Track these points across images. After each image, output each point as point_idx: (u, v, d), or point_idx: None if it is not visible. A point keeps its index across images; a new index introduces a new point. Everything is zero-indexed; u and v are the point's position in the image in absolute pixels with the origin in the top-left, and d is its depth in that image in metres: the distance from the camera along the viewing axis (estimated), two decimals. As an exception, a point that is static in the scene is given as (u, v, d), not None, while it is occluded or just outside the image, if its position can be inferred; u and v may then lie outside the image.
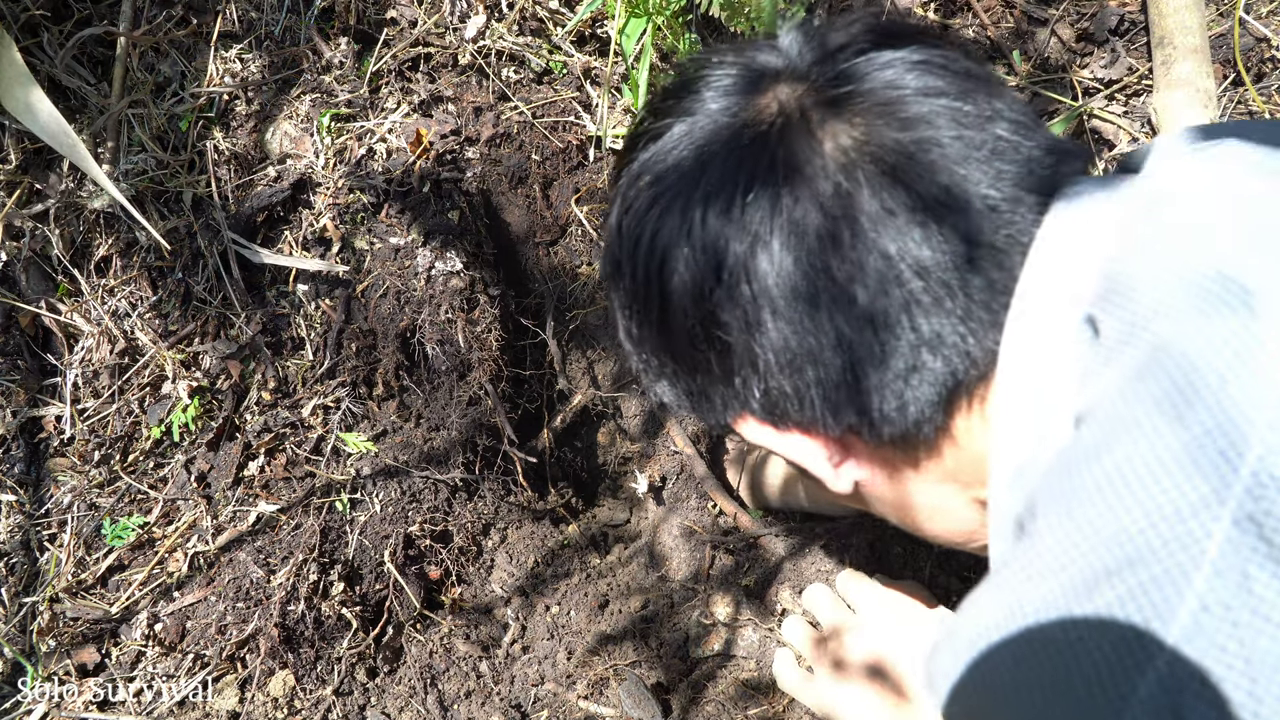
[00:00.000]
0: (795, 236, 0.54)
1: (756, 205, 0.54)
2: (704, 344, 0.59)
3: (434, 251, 1.32)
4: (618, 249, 0.62)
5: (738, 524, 1.32)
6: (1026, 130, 0.56)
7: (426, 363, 1.31)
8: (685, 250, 0.57)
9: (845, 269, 0.53)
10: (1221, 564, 0.37)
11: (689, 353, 0.60)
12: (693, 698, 1.13)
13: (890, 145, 0.53)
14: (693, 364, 0.61)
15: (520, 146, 1.45)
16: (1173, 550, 0.38)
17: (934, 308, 0.52)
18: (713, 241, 0.55)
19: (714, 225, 0.55)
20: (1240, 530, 0.37)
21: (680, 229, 0.57)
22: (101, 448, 1.26)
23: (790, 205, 0.54)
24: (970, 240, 0.52)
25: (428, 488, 1.26)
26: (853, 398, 0.56)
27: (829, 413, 0.57)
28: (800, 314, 0.54)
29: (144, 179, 1.30)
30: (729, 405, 0.62)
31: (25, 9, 1.27)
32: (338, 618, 1.16)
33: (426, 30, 1.42)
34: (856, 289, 0.53)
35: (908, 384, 0.54)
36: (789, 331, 0.55)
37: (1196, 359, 0.41)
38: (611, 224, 0.64)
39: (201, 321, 1.29)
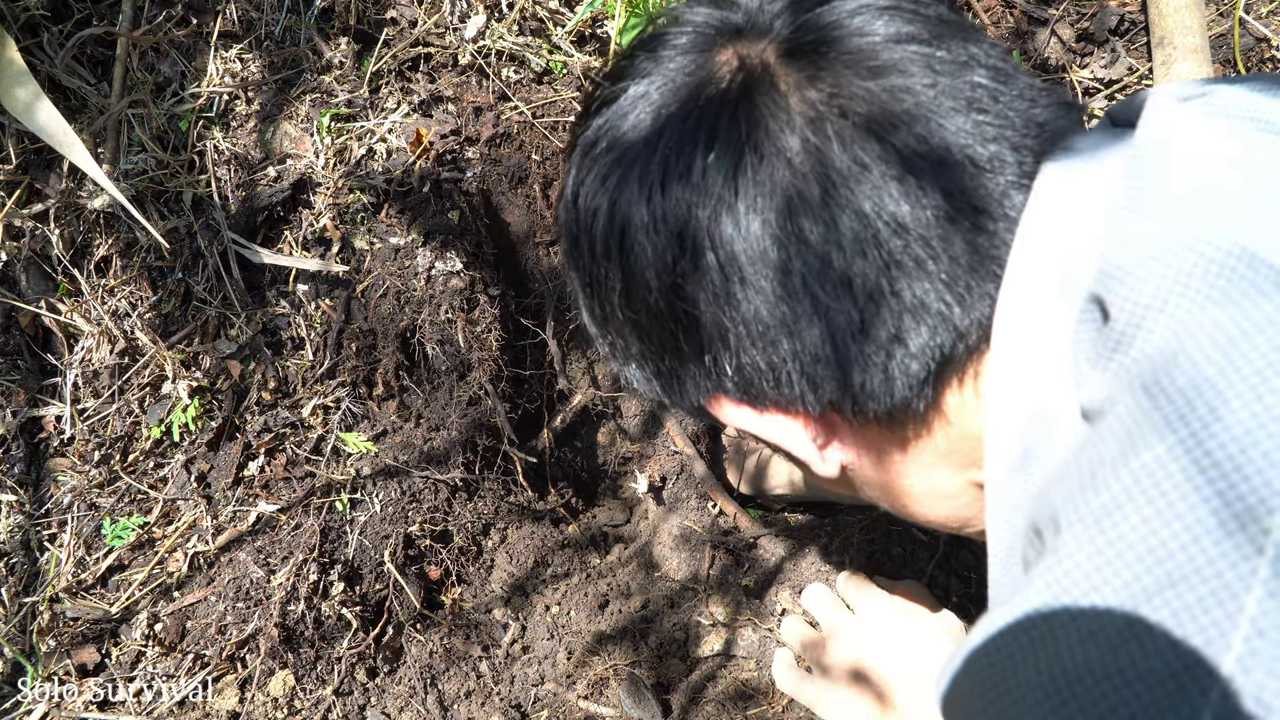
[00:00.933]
0: (761, 198, 0.50)
1: (718, 166, 0.51)
2: (670, 320, 0.55)
3: (434, 251, 1.32)
4: (575, 224, 0.58)
5: (738, 524, 1.32)
6: (1006, 78, 0.52)
7: (426, 363, 1.31)
8: (645, 219, 0.53)
9: (818, 230, 0.49)
10: (1274, 584, 0.34)
11: (655, 330, 0.56)
12: (693, 698, 1.13)
13: (860, 95, 0.50)
14: (660, 343, 0.57)
15: (520, 146, 1.45)
16: (1220, 569, 0.35)
17: (916, 270, 0.49)
18: (673, 208, 0.52)
19: (674, 191, 0.52)
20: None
21: (639, 197, 0.53)
22: (101, 448, 1.26)
23: (755, 165, 0.50)
24: (950, 194, 0.48)
25: (428, 488, 1.26)
26: (833, 371, 0.52)
27: (808, 389, 0.53)
28: (771, 282, 0.50)
29: (144, 179, 1.30)
30: (701, 386, 0.57)
31: (25, 9, 1.27)
32: (338, 618, 1.16)
33: (426, 30, 1.42)
34: (831, 251, 0.49)
35: (891, 356, 0.51)
36: (759, 301, 0.51)
37: (1216, 379, 0.37)
38: (567, 196, 0.59)
39: (201, 321, 1.29)
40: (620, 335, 0.60)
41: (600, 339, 0.63)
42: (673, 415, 1.45)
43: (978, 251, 0.49)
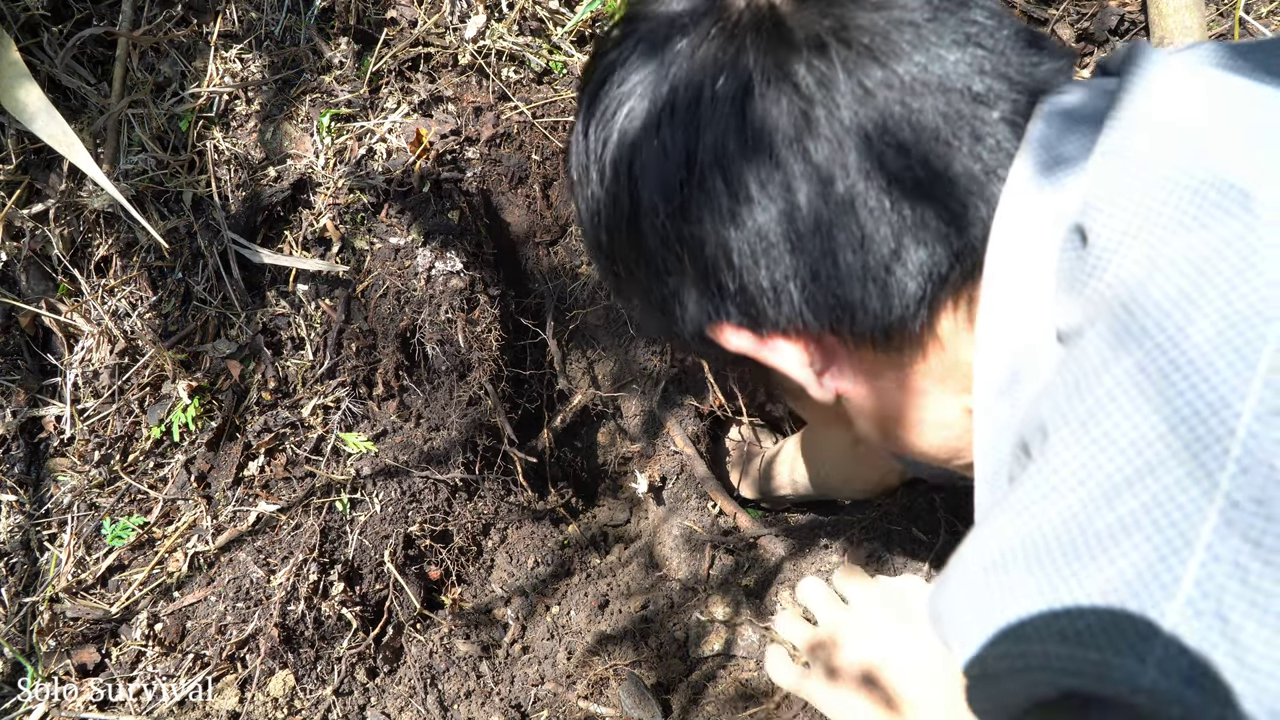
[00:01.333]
0: (767, 120, 0.52)
1: (726, 92, 0.53)
2: (676, 243, 0.57)
3: (434, 251, 1.32)
4: (585, 154, 0.60)
5: (738, 524, 1.32)
6: (1001, 19, 0.55)
7: (426, 363, 1.31)
8: (655, 145, 0.55)
9: (823, 151, 0.51)
10: (1247, 460, 0.36)
11: (661, 254, 0.58)
12: (693, 698, 1.13)
13: (865, 25, 0.52)
14: (665, 267, 0.58)
15: (520, 146, 1.45)
16: (1195, 452, 0.37)
17: (915, 191, 0.51)
18: (681, 133, 0.54)
19: (682, 116, 0.54)
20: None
21: (648, 124, 0.55)
22: (101, 448, 1.26)
23: (762, 91, 0.52)
24: (949, 118, 0.51)
25: (428, 488, 1.26)
26: (833, 288, 0.53)
27: (807, 307, 0.55)
28: (775, 199, 0.52)
29: (144, 179, 1.30)
30: (704, 312, 0.59)
31: (25, 9, 1.27)
32: (338, 618, 1.16)
33: (426, 30, 1.42)
34: (835, 171, 0.51)
35: (890, 273, 0.52)
36: (764, 219, 0.53)
37: (1187, 294, 0.40)
38: (578, 131, 0.61)
39: (201, 321, 1.29)
40: (625, 263, 0.61)
41: (605, 270, 0.64)
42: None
43: (974, 178, 0.51)
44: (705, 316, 0.59)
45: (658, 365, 1.45)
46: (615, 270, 0.63)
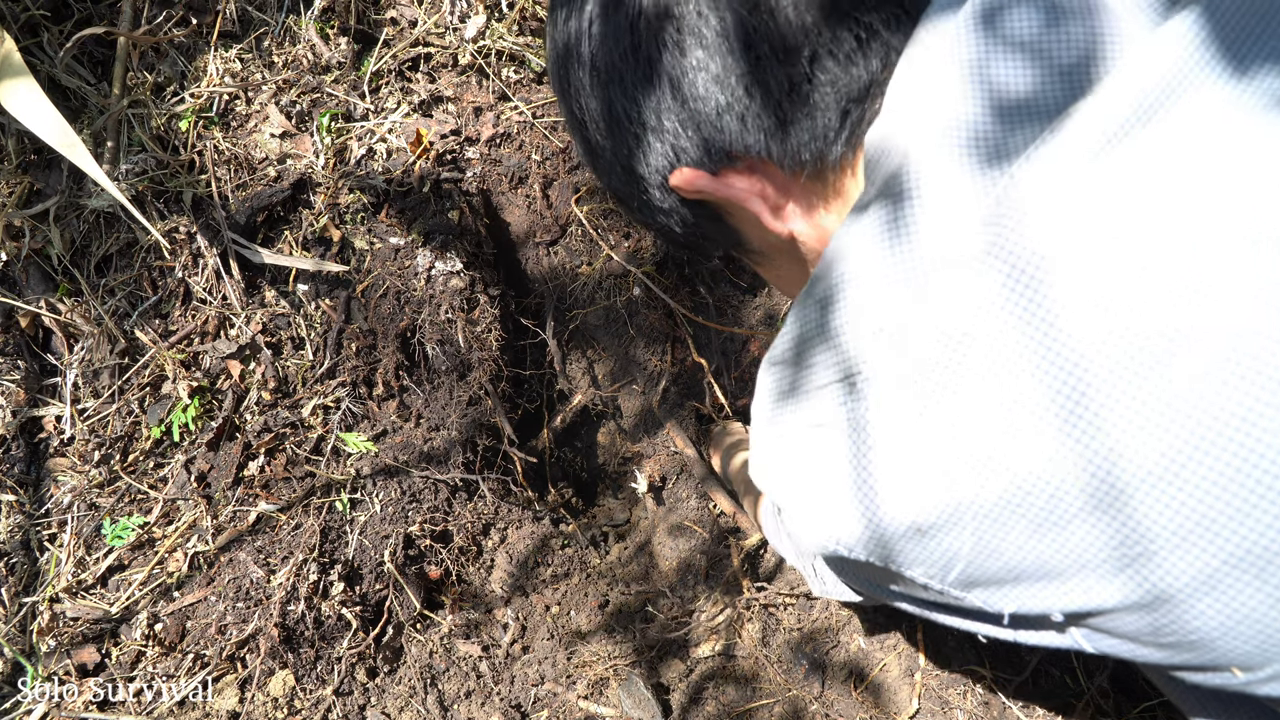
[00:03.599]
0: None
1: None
2: (635, 69, 0.62)
3: (434, 251, 1.32)
4: (568, 24, 0.67)
5: (738, 524, 1.32)
6: None
7: (426, 363, 1.31)
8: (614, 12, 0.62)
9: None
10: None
11: (620, 98, 0.64)
12: (693, 698, 1.13)
13: None
14: (625, 112, 0.65)
15: (520, 146, 1.45)
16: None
17: (840, 26, 0.57)
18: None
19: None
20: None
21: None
22: (101, 448, 1.26)
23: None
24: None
25: (428, 488, 1.26)
26: (762, 107, 0.60)
27: (746, 128, 0.61)
28: (717, 38, 0.59)
29: (144, 179, 1.30)
30: (666, 160, 0.65)
31: (25, 9, 1.27)
32: (338, 618, 1.16)
33: (426, 30, 1.42)
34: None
35: (813, 86, 0.58)
36: (706, 58, 0.60)
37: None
38: (556, 17, 0.68)
39: (201, 321, 1.29)
40: (592, 116, 0.68)
41: (583, 146, 0.70)
42: (675, 418, 1.45)
43: (900, 24, 0.58)
44: (667, 164, 0.65)
45: (658, 365, 1.45)
46: (584, 122, 0.69)
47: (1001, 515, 0.49)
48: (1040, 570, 0.50)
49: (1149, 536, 0.45)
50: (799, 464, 0.57)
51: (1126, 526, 0.45)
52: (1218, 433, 0.42)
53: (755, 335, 1.49)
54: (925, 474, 0.50)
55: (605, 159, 0.69)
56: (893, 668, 1.10)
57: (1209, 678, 0.50)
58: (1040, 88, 0.51)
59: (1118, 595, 0.48)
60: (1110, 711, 1.06)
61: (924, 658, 1.10)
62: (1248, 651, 0.46)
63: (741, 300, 1.52)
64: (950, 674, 1.09)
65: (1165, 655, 0.50)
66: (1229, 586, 0.44)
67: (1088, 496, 0.46)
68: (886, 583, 0.62)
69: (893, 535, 0.53)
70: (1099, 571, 0.48)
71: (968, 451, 0.49)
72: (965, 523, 0.50)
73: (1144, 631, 0.49)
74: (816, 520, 0.56)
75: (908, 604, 0.67)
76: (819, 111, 0.59)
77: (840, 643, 1.13)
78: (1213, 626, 0.46)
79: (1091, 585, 0.48)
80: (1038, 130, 0.49)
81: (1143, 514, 0.45)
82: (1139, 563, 0.46)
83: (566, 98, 0.69)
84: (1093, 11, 0.52)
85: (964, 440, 0.49)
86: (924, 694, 1.08)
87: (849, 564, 0.60)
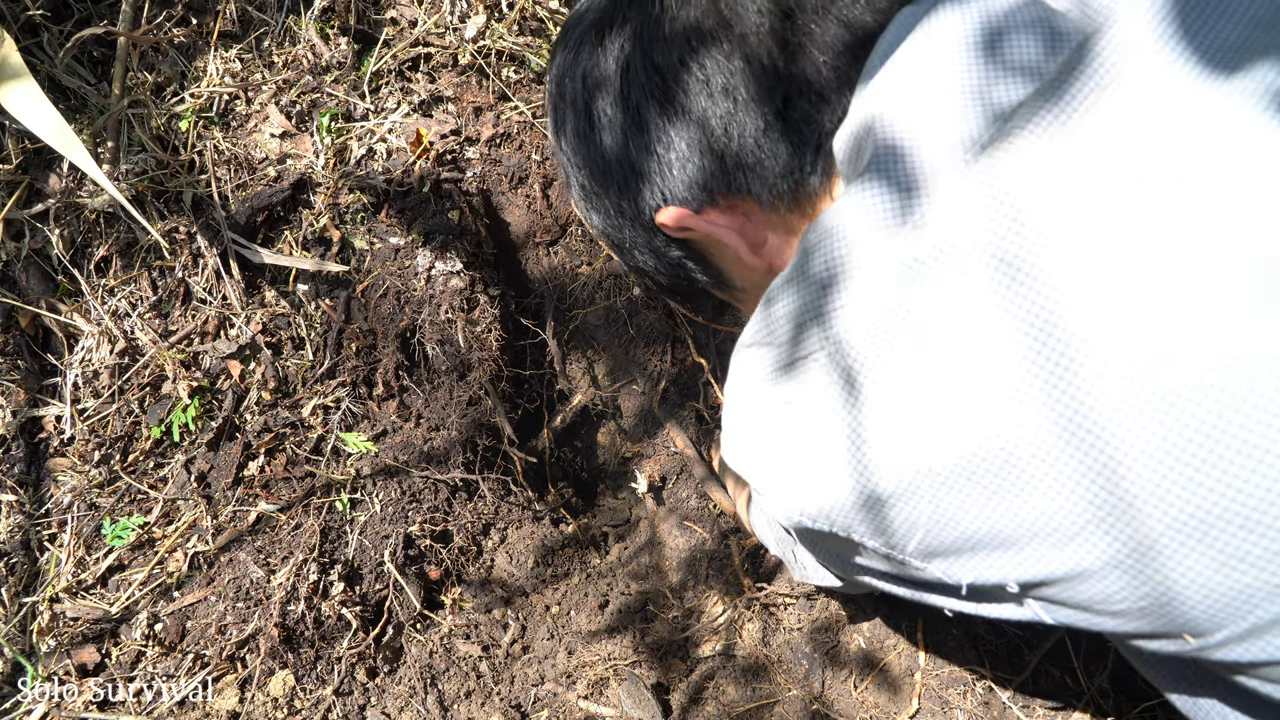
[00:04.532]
0: (688, 28, 0.64)
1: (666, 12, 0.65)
2: (628, 126, 0.67)
3: (434, 251, 1.32)
4: (561, 69, 0.72)
5: (737, 524, 1.32)
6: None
7: (426, 363, 1.31)
8: (609, 50, 0.67)
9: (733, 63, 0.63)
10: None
11: (616, 154, 0.69)
12: (693, 698, 1.13)
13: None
14: (618, 156, 0.69)
15: (520, 146, 1.45)
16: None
17: (809, 67, 0.61)
18: (627, 46, 0.67)
19: (625, 32, 0.67)
20: None
21: (605, 44, 0.68)
22: (101, 448, 1.26)
23: (674, 9, 0.64)
24: (845, 24, 0.62)
25: (428, 488, 1.26)
26: (736, 148, 0.64)
27: (722, 172, 0.65)
28: (700, 79, 0.64)
29: (144, 179, 1.30)
30: (655, 195, 0.69)
31: (25, 9, 1.27)
32: (338, 618, 1.16)
33: (426, 30, 1.42)
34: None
35: (793, 131, 0.62)
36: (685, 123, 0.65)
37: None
38: (554, 68, 0.73)
39: (201, 321, 1.29)
40: (585, 160, 0.72)
41: (574, 176, 0.74)
42: (675, 418, 1.45)
43: (857, 57, 0.61)
44: (655, 204, 0.69)
45: (658, 365, 1.45)
46: (584, 185, 0.74)
47: (958, 482, 0.49)
48: (996, 539, 0.50)
49: (1131, 491, 0.45)
50: (767, 439, 0.58)
51: (1110, 484, 0.45)
52: (1205, 384, 0.43)
53: (755, 335, 1.49)
54: (885, 443, 0.51)
55: (596, 200, 0.73)
56: (893, 668, 1.10)
57: (1163, 645, 0.51)
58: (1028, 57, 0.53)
59: (1087, 558, 0.48)
60: (1110, 711, 1.06)
61: (924, 658, 1.10)
62: (1197, 616, 0.47)
63: (741, 300, 1.52)
64: (950, 674, 1.09)
65: (1118, 623, 0.51)
66: (1207, 539, 0.45)
67: (1065, 460, 0.46)
68: (852, 555, 0.63)
69: (853, 504, 0.54)
70: (1056, 537, 0.48)
71: (928, 419, 0.49)
72: (923, 491, 0.51)
73: (1099, 599, 0.50)
74: (782, 492, 0.58)
75: (877, 579, 0.68)
76: (794, 147, 0.63)
77: (840, 642, 1.13)
78: (1183, 584, 0.46)
79: (1045, 554, 0.49)
80: (1028, 109, 0.50)
81: (1126, 468, 0.45)
82: (1116, 517, 0.46)
83: (561, 143, 0.73)
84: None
85: (925, 408, 0.49)
86: (924, 694, 1.08)
87: (816, 537, 0.61)
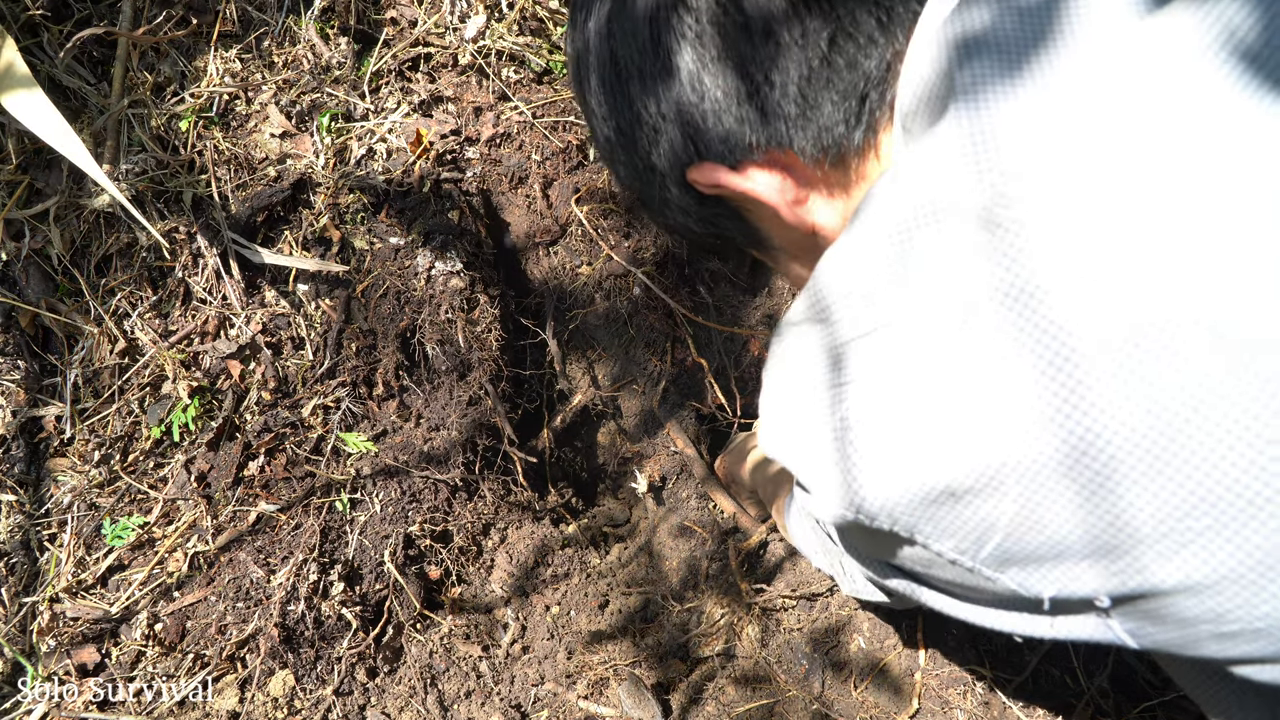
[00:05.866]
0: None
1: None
2: (653, 58, 0.61)
3: (434, 251, 1.32)
4: (586, 17, 0.66)
5: (738, 524, 1.32)
6: None
7: (426, 363, 1.31)
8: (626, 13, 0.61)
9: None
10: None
11: (643, 103, 0.63)
12: (693, 698, 1.13)
13: None
14: (650, 101, 0.63)
15: (520, 146, 1.45)
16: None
17: (859, 8, 0.56)
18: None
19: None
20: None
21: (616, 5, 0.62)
22: (101, 448, 1.26)
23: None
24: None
25: (428, 488, 1.26)
26: (780, 97, 0.58)
27: (764, 123, 0.59)
28: (732, 28, 0.58)
29: (144, 179, 1.30)
30: (686, 152, 0.63)
31: (25, 9, 1.27)
32: (338, 618, 1.16)
33: (426, 30, 1.42)
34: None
35: (838, 78, 0.57)
36: (724, 51, 0.59)
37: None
38: (574, 21, 0.67)
39: (201, 321, 1.29)
40: (611, 114, 0.66)
41: (600, 130, 0.68)
42: (675, 418, 1.45)
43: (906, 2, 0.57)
44: (686, 158, 0.64)
45: (658, 365, 1.45)
46: (610, 137, 0.68)
47: (1050, 478, 0.43)
48: (1090, 545, 0.44)
49: (1263, 494, 0.39)
50: (817, 426, 0.52)
51: (1233, 484, 0.40)
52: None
53: (755, 335, 1.49)
54: (962, 430, 0.45)
55: (624, 157, 0.68)
56: (893, 668, 1.10)
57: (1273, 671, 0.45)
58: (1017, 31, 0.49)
59: (1201, 569, 0.42)
60: (1110, 711, 1.06)
61: (924, 657, 1.10)
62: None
63: (741, 300, 1.52)
64: (950, 674, 1.09)
65: (1223, 647, 0.45)
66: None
67: (1177, 456, 0.40)
68: (910, 561, 0.55)
69: (920, 500, 0.47)
70: (1165, 544, 0.42)
71: (1016, 404, 0.43)
72: (1007, 486, 0.44)
73: (1207, 617, 0.43)
74: (833, 485, 0.51)
75: (932, 594, 0.62)
76: (839, 96, 0.57)
77: (840, 643, 1.13)
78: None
79: (1149, 563, 0.43)
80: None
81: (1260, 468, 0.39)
82: (1242, 524, 0.40)
83: (585, 96, 0.68)
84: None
85: (1013, 391, 0.43)
86: (924, 694, 1.08)
87: (867, 539, 0.55)
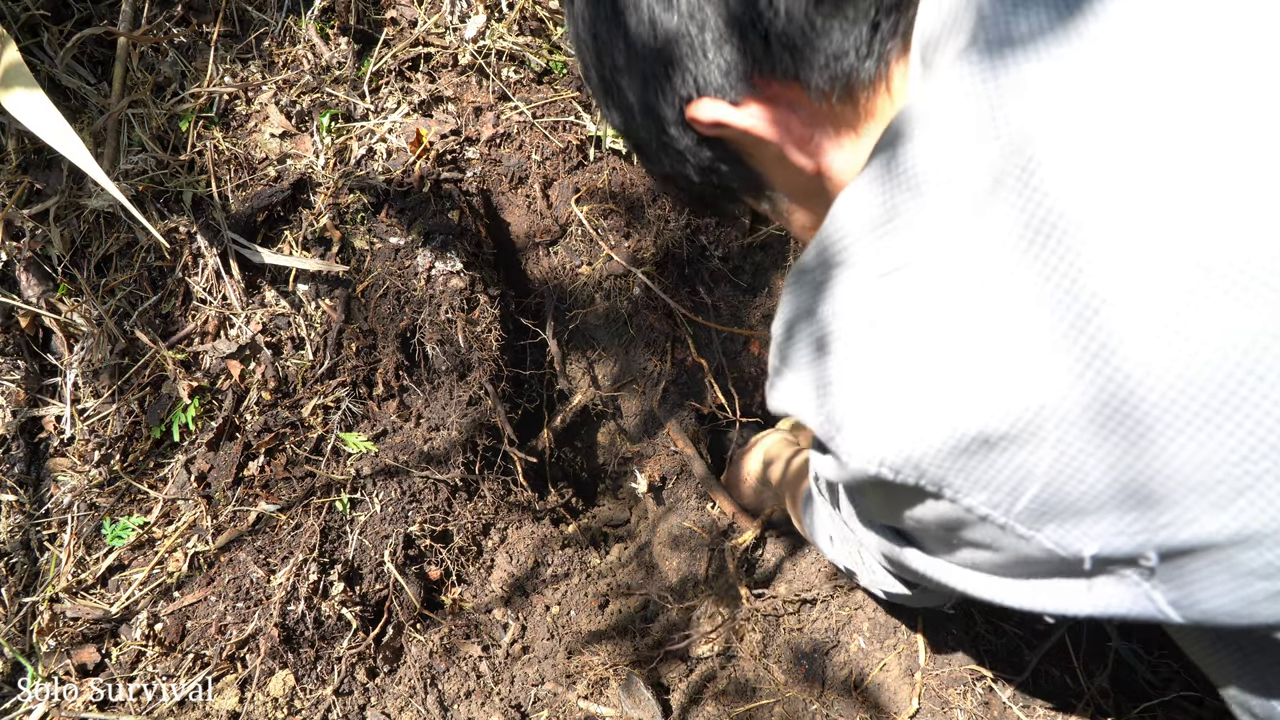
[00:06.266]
0: None
1: None
2: (652, 25, 0.58)
3: (434, 251, 1.32)
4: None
5: (737, 524, 1.33)
6: None
7: (426, 363, 1.31)
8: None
9: None
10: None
11: (641, 38, 0.60)
12: (693, 698, 1.13)
13: None
14: (649, 34, 0.60)
15: (520, 146, 1.45)
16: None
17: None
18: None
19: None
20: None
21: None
22: (101, 448, 1.26)
23: None
24: None
25: (428, 488, 1.26)
26: (783, 26, 0.54)
27: (766, 52, 0.56)
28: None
29: (144, 179, 1.30)
30: (687, 86, 0.60)
31: (25, 9, 1.27)
32: (338, 618, 1.16)
33: (426, 30, 1.42)
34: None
35: (847, 4, 0.53)
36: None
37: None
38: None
39: (201, 321, 1.29)
40: (608, 51, 0.63)
41: (600, 84, 0.66)
42: (675, 418, 1.45)
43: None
44: (686, 94, 0.60)
45: (658, 365, 1.46)
46: (606, 76, 0.64)
47: (1094, 423, 0.39)
48: (1136, 493, 0.40)
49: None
50: (834, 372, 0.49)
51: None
52: None
53: (755, 335, 1.49)
54: (998, 371, 0.41)
55: (621, 96, 0.64)
56: (893, 668, 1.10)
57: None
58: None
59: (1260, 518, 0.38)
60: (1110, 711, 1.06)
61: (924, 657, 1.10)
62: None
63: (741, 300, 1.52)
64: (950, 674, 1.09)
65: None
66: None
67: (1234, 394, 0.37)
68: (934, 524, 0.52)
69: (951, 449, 0.44)
70: (1220, 491, 0.38)
71: (1058, 343, 0.40)
72: (1046, 431, 0.41)
73: (1265, 571, 0.40)
74: (854, 435, 0.48)
75: (954, 568, 0.58)
76: (848, 23, 0.54)
77: (840, 642, 1.13)
78: None
79: (1201, 513, 0.39)
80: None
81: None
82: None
83: (578, 33, 0.64)
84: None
85: (1056, 330, 0.40)
86: (924, 694, 1.08)
87: (889, 497, 0.52)
